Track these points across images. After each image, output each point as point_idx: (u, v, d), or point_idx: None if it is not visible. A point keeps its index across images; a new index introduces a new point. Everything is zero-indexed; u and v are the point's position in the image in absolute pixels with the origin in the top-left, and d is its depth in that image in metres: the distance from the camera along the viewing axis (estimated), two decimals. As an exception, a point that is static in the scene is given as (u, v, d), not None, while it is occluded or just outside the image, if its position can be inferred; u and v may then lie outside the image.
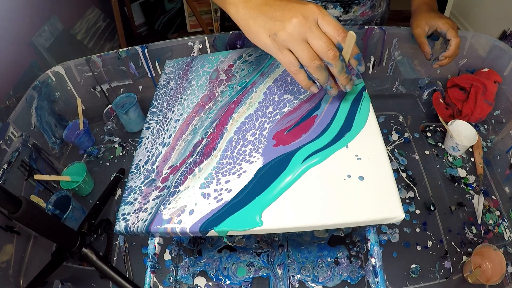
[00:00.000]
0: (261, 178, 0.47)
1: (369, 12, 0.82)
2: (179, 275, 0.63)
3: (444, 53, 0.70)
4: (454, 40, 0.68)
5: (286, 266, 0.62)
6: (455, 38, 0.68)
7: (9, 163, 0.67)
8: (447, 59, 0.70)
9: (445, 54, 0.70)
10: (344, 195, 0.45)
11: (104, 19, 1.56)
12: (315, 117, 0.53)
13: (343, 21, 0.82)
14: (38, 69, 1.03)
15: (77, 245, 0.61)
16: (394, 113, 0.87)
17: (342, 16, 0.80)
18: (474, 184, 0.73)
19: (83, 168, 0.76)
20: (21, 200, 0.51)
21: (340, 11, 0.79)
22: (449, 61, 0.71)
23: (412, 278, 0.62)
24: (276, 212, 0.44)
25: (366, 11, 0.81)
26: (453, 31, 0.68)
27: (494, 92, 0.77)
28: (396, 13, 2.17)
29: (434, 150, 0.80)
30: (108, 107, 0.89)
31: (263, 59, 0.66)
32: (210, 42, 0.80)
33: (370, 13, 0.83)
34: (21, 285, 0.65)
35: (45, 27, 1.10)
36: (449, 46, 0.69)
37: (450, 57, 0.70)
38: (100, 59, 0.80)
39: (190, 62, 0.69)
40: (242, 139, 0.53)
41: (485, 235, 0.66)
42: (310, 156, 0.48)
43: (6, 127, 0.69)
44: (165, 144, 0.55)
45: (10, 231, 0.65)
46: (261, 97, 0.58)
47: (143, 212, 0.47)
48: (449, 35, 0.68)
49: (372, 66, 0.86)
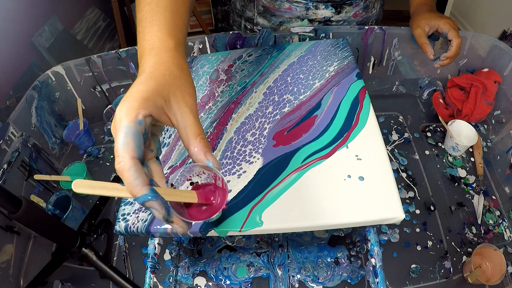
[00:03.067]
0: (261, 178, 0.47)
1: (362, 13, 0.82)
2: (179, 275, 0.63)
3: (445, 54, 0.70)
4: (455, 40, 0.68)
5: (286, 266, 0.62)
6: (457, 38, 0.67)
7: (9, 163, 0.67)
8: (448, 59, 0.70)
9: (446, 55, 0.70)
10: (344, 195, 0.45)
11: (104, 19, 1.55)
12: (315, 117, 0.53)
13: (336, 21, 0.81)
14: (38, 69, 1.03)
15: (77, 245, 0.61)
16: (394, 113, 0.87)
17: (334, 17, 0.80)
18: (474, 184, 0.73)
19: (83, 168, 0.76)
20: (21, 200, 0.51)
21: (331, 11, 0.78)
22: (450, 61, 0.71)
23: (412, 278, 0.62)
24: (276, 212, 0.44)
25: (359, 12, 0.81)
26: (454, 31, 0.68)
27: (494, 92, 0.77)
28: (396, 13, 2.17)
29: (434, 150, 0.80)
30: (108, 107, 0.89)
31: (263, 59, 0.66)
32: (210, 42, 0.80)
33: (363, 14, 0.82)
34: (21, 285, 0.65)
35: (45, 27, 1.10)
36: (451, 47, 0.68)
37: (451, 57, 0.70)
38: (100, 59, 0.80)
39: (190, 62, 0.69)
40: (242, 139, 0.53)
41: (485, 235, 0.66)
42: (310, 156, 0.48)
43: (6, 127, 0.69)
44: (165, 144, 0.55)
45: (10, 231, 0.65)
46: (261, 97, 0.58)
47: (143, 212, 0.47)
48: (450, 35, 0.68)
49: (372, 66, 0.86)
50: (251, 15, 0.82)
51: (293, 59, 0.65)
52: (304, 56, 0.65)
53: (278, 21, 0.81)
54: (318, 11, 0.78)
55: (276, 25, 0.81)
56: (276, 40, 0.79)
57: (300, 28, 0.78)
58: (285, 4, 0.78)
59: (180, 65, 0.38)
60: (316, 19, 0.79)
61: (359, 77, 0.58)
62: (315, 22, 0.80)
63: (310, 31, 0.77)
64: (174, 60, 0.38)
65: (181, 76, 0.37)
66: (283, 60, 0.65)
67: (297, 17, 0.80)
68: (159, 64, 0.37)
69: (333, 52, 0.65)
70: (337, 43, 0.67)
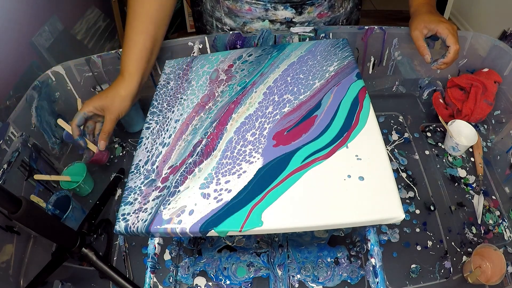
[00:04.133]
0: (261, 178, 0.47)
1: (328, 13, 0.80)
2: (179, 275, 0.63)
3: (442, 59, 0.69)
4: (453, 47, 0.66)
5: (286, 266, 0.62)
6: (454, 45, 0.66)
7: (9, 163, 0.67)
8: (445, 64, 0.69)
9: (443, 61, 0.68)
10: (344, 195, 0.45)
11: (104, 19, 1.55)
12: (315, 117, 0.53)
13: (299, 23, 0.80)
14: (38, 69, 1.03)
15: (77, 245, 0.61)
16: (394, 113, 0.87)
17: (296, 18, 0.78)
18: (474, 184, 0.73)
19: (83, 168, 0.76)
20: (21, 200, 0.51)
21: (292, 12, 0.77)
22: (447, 66, 0.70)
23: (412, 278, 0.62)
24: (276, 212, 0.44)
25: (324, 12, 0.79)
26: (453, 37, 0.66)
27: (494, 92, 0.77)
28: (396, 13, 2.17)
29: (434, 150, 0.80)
30: (108, 107, 0.88)
31: (263, 59, 0.66)
32: (210, 42, 0.80)
33: (330, 14, 0.81)
34: (21, 285, 0.65)
35: (45, 27, 1.10)
36: (448, 53, 0.67)
37: (448, 63, 0.69)
38: (100, 59, 0.80)
39: (190, 62, 0.69)
40: (242, 139, 0.53)
41: (485, 235, 0.66)
42: (310, 156, 0.48)
43: (6, 127, 0.69)
44: (165, 144, 0.55)
45: (10, 231, 0.65)
46: (261, 97, 0.58)
47: (143, 212, 0.47)
48: (449, 41, 0.67)
49: (372, 66, 0.86)
50: (219, 15, 0.83)
51: (293, 59, 0.65)
52: (304, 56, 0.65)
53: (242, 22, 0.81)
54: (278, 11, 0.77)
55: (241, 25, 0.81)
56: (276, 40, 0.79)
57: (300, 28, 0.78)
58: (245, 6, 0.78)
59: (120, 90, 0.66)
60: (276, 20, 0.79)
61: (359, 77, 0.58)
62: (277, 23, 0.79)
63: (310, 31, 0.77)
64: (120, 84, 0.66)
65: (115, 98, 0.66)
66: (283, 60, 0.65)
67: (257, 18, 0.79)
68: (115, 82, 0.67)
69: (333, 52, 0.65)
70: (337, 43, 0.67)
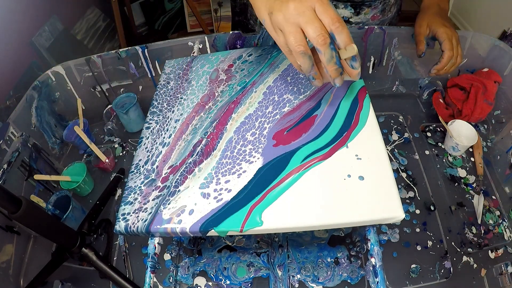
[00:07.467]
0: (261, 178, 0.47)
1: (379, 16, 0.82)
2: (179, 275, 0.63)
3: (435, 66, 0.69)
4: (446, 52, 0.67)
5: (286, 266, 0.62)
6: (448, 51, 0.66)
7: (9, 163, 0.67)
8: (438, 71, 0.69)
9: (436, 67, 0.68)
10: (344, 195, 0.45)
11: (104, 19, 1.56)
12: (315, 117, 0.53)
13: (354, 23, 0.81)
14: (38, 69, 1.03)
15: (77, 245, 0.61)
16: (394, 113, 0.87)
17: (353, 18, 0.80)
18: (474, 184, 0.73)
19: (83, 168, 0.76)
20: (21, 200, 0.51)
21: (350, 11, 0.78)
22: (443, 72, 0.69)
23: (412, 278, 0.62)
24: (276, 212, 0.44)
25: (377, 14, 0.81)
26: (449, 43, 0.66)
27: (494, 92, 0.77)
28: (396, 13, 2.16)
29: (434, 150, 0.80)
30: (108, 107, 0.89)
31: (263, 59, 0.66)
32: (210, 42, 0.80)
33: (380, 17, 0.82)
34: (21, 285, 0.65)
35: (45, 27, 1.10)
36: (441, 58, 0.68)
37: (440, 69, 0.69)
38: (100, 59, 0.80)
39: (190, 62, 0.69)
40: (242, 139, 0.53)
41: (485, 235, 0.66)
42: (310, 156, 0.48)
43: (6, 127, 0.69)
44: (165, 144, 0.55)
45: (10, 231, 0.65)
46: (260, 97, 0.58)
47: (143, 212, 0.47)
48: (444, 46, 0.67)
49: (372, 66, 0.86)
50: None
51: (293, 59, 0.65)
52: (304, 56, 0.65)
53: None
54: (337, 10, 0.77)
55: None
56: (276, 40, 0.79)
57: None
58: None
59: None
60: None
61: (359, 77, 0.58)
62: None
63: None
64: None
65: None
66: (283, 59, 0.65)
67: None
68: None
69: (333, 52, 0.65)
70: (337, 43, 0.67)
